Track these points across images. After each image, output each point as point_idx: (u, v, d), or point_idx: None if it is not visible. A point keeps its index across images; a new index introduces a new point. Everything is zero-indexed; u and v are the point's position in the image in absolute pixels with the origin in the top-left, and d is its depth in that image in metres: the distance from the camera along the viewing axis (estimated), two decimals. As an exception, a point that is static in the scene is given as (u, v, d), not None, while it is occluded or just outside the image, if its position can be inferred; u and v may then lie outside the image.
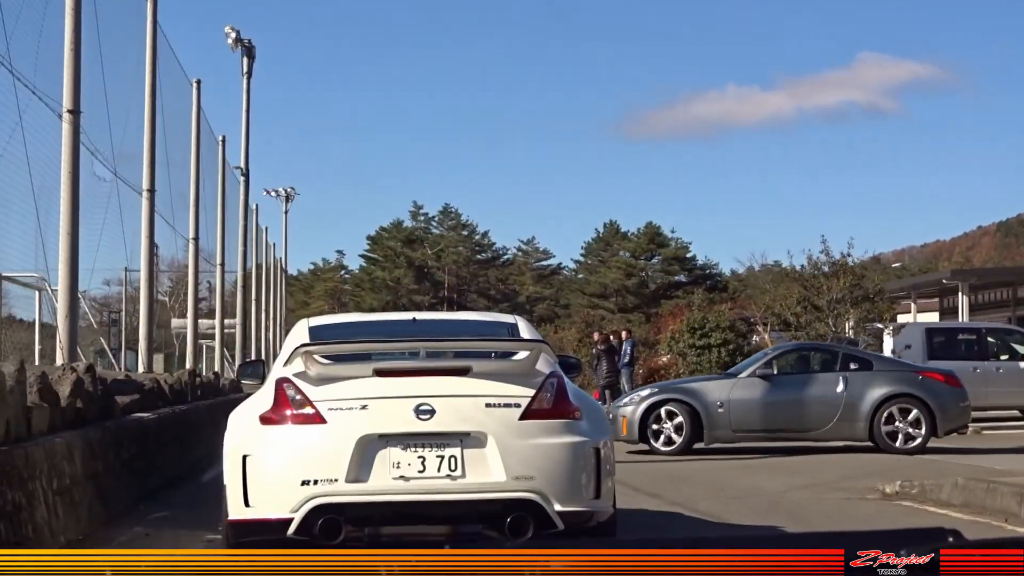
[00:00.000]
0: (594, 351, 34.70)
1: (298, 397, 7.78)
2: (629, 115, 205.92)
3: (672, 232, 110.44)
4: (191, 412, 15.10)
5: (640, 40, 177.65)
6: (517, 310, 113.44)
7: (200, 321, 41.36)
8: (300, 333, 8.91)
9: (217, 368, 35.16)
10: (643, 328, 44.53)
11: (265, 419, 7.85)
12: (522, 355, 8.13)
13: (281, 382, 7.91)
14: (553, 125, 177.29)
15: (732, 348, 29.09)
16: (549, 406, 7.86)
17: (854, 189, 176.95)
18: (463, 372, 7.89)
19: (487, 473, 7.60)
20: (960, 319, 40.36)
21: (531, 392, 7.84)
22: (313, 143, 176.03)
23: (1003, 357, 27.13)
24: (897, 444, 19.28)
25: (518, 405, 7.78)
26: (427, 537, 7.68)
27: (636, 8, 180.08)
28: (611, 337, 34.32)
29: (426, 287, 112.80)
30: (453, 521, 7.67)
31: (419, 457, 7.56)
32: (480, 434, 7.64)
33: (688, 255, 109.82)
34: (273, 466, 7.68)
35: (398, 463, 7.56)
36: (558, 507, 7.62)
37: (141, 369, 21.97)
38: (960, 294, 42.62)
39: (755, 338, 30.82)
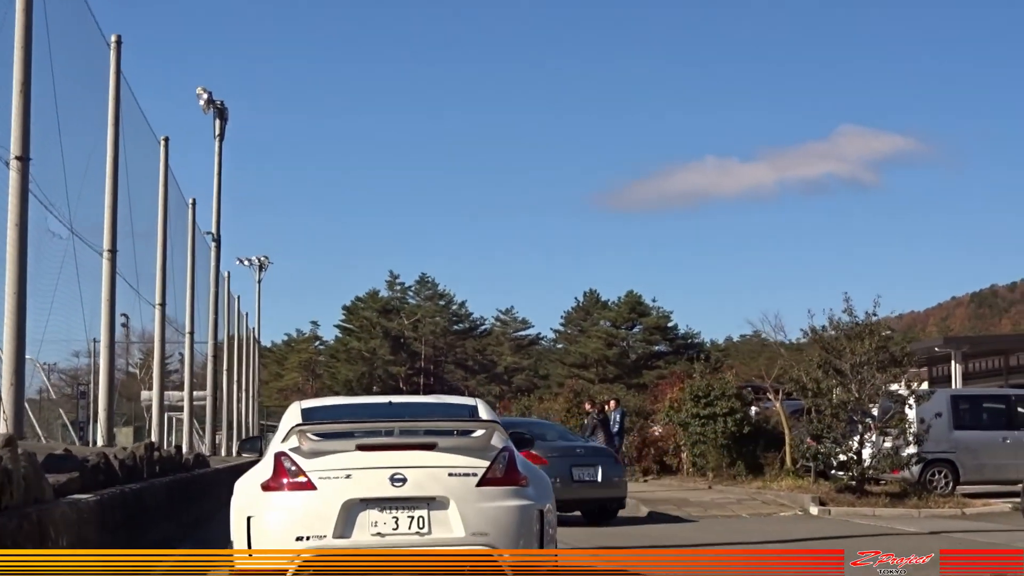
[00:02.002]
0: (586, 421, 33.09)
1: (293, 468, 9.18)
2: (608, 186, 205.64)
3: (653, 301, 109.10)
4: (145, 492, 13.20)
5: (619, 112, 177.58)
6: (495, 381, 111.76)
7: (171, 393, 39.93)
8: (294, 414, 10.39)
9: (186, 441, 33.28)
10: (637, 398, 42.68)
11: (266, 486, 9.26)
12: (479, 433, 9.49)
13: (279, 455, 9.33)
14: (531, 195, 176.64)
15: (739, 417, 27.34)
16: (501, 475, 9.27)
17: (832, 260, 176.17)
18: (430, 447, 9.28)
19: (449, 530, 8.99)
20: (952, 388, 38.80)
21: (486, 463, 9.25)
22: (286, 212, 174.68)
23: (1032, 426, 25.39)
24: None
25: (475, 474, 9.17)
26: None
27: (615, 80, 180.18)
28: (605, 407, 32.77)
29: (403, 358, 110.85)
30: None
31: (393, 517, 8.99)
32: (444, 498, 9.03)
33: (669, 324, 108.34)
34: (272, 524, 9.09)
35: (376, 522, 8.98)
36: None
37: (100, 443, 20.29)
38: (953, 362, 41.19)
39: (754, 409, 28.97)
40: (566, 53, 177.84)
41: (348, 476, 9.05)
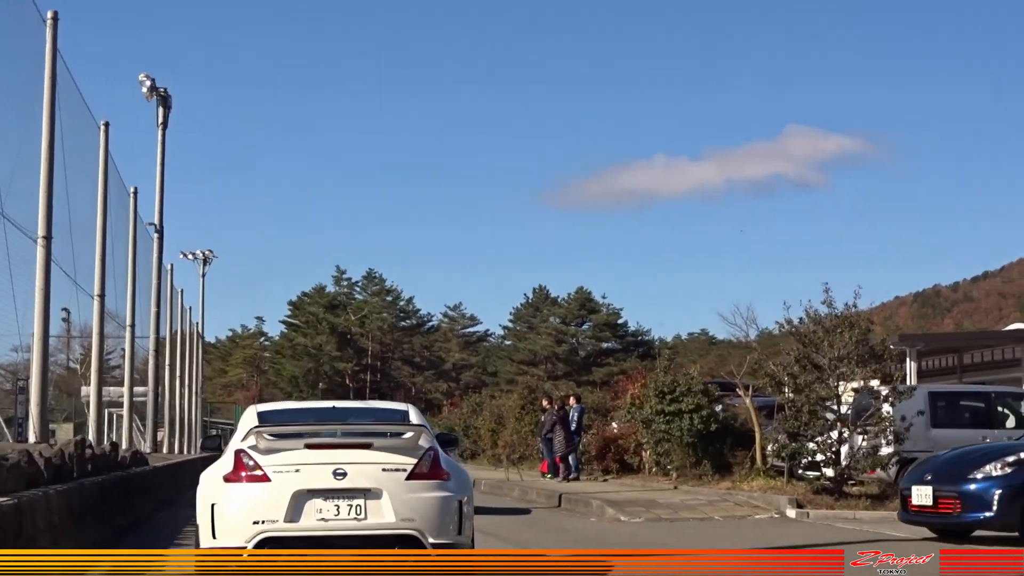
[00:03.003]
0: (543, 418, 31.99)
1: (251, 463, 10.55)
2: (557, 184, 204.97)
3: (603, 298, 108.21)
4: (72, 493, 11.98)
5: (568, 110, 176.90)
6: (443, 377, 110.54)
7: (112, 389, 38.62)
8: (251, 417, 11.68)
9: (125, 438, 31.92)
10: (596, 395, 41.59)
11: (227, 478, 10.60)
12: (409, 434, 10.96)
13: (239, 452, 10.70)
14: (479, 192, 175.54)
15: (706, 414, 26.23)
16: (427, 471, 10.66)
17: (778, 259, 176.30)
18: (367, 446, 10.68)
19: (382, 516, 10.40)
20: (908, 383, 38.04)
21: (414, 461, 10.65)
22: (231, 206, 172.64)
23: (1009, 424, 24.31)
24: None
25: (405, 469, 10.57)
26: None
27: (565, 78, 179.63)
28: (565, 404, 31.68)
29: (349, 354, 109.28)
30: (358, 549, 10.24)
31: (335, 505, 10.38)
32: (378, 489, 10.44)
33: (619, 321, 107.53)
34: (233, 510, 10.41)
35: (320, 509, 10.37)
36: (432, 540, 10.38)
37: (32, 439, 19.12)
38: (908, 360, 40.50)
39: (718, 406, 27.74)
40: (515, 50, 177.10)
41: (297, 470, 10.48)
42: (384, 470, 10.53)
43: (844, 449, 21.61)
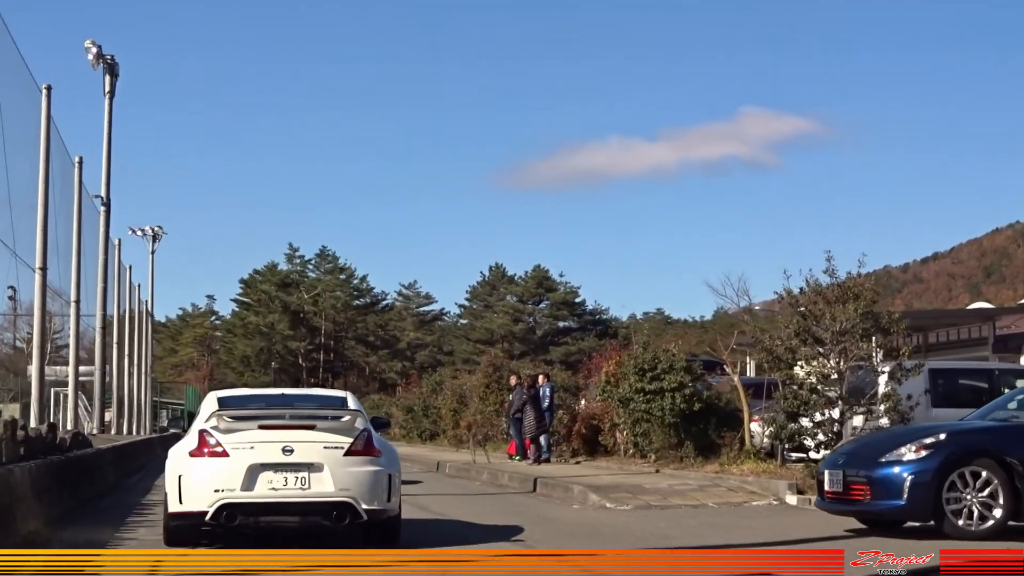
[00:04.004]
0: (511, 396, 30.46)
1: (212, 440, 12.63)
2: (513, 165, 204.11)
3: (560, 276, 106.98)
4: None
5: (523, 89, 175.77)
6: (398, 357, 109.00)
7: (60, 368, 37.31)
8: (212, 401, 13.72)
9: (71, 419, 30.34)
10: (565, 372, 40.25)
11: (192, 453, 12.69)
12: (346, 418, 13.08)
13: (202, 431, 12.77)
14: (434, 170, 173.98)
15: (689, 393, 24.77)
16: (361, 448, 12.83)
17: (732, 240, 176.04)
18: (311, 427, 12.82)
19: (323, 486, 12.55)
20: (871, 360, 36.90)
21: (351, 440, 12.82)
22: (182, 182, 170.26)
23: (1012, 404, 23.02)
24: None
25: (343, 447, 12.73)
26: (288, 523, 13.12)
27: (519, 58, 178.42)
28: (536, 382, 30.20)
29: (302, 333, 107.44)
30: (302, 514, 12.80)
31: (284, 477, 12.49)
32: (320, 464, 12.59)
33: (577, 300, 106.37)
34: (196, 481, 12.50)
35: (271, 480, 12.48)
36: (364, 507, 12.63)
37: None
38: (873, 339, 39.42)
39: (698, 384, 26.18)
40: (469, 30, 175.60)
41: (252, 447, 12.45)
42: (325, 447, 12.56)
43: (845, 430, 20.19)
